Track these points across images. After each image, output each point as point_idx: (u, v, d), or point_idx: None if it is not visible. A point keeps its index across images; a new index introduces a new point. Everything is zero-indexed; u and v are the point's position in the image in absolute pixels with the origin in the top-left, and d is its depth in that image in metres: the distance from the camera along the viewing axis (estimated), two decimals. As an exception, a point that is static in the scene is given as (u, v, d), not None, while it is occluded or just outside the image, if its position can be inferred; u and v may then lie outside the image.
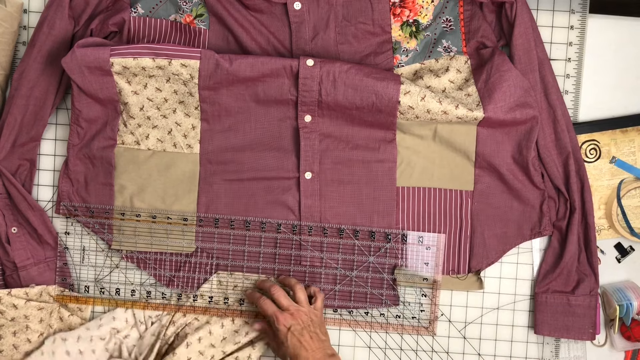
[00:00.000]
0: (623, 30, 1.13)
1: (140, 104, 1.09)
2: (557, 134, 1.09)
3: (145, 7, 1.10)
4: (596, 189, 1.13)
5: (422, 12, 1.10)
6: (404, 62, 1.11)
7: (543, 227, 1.11)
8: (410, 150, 1.10)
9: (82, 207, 1.11)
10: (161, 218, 1.11)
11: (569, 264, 1.10)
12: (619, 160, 1.13)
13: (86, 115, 1.09)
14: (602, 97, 1.14)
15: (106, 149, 1.10)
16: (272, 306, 1.05)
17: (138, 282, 1.14)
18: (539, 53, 1.09)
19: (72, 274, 1.14)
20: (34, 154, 1.12)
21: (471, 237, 1.11)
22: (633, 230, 1.12)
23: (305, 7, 1.08)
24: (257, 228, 1.11)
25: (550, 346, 1.14)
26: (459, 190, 1.11)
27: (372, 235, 1.11)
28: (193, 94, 1.08)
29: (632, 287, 1.13)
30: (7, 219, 1.09)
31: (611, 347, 1.15)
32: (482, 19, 1.10)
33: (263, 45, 1.09)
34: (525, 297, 1.14)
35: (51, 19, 1.08)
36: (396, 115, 1.07)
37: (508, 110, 1.06)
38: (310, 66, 1.05)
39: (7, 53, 1.10)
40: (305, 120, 1.08)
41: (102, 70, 1.05)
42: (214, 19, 1.10)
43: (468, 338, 1.14)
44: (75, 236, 1.14)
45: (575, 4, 1.13)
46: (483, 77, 1.07)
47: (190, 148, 1.11)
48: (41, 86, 1.09)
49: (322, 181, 1.10)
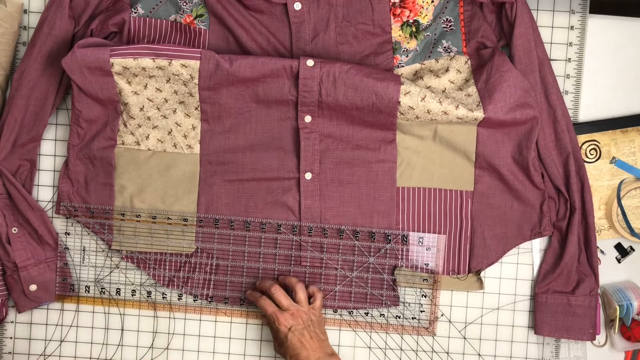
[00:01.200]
0: (623, 31, 1.13)
1: (141, 105, 1.09)
2: (557, 134, 1.09)
3: (145, 8, 1.10)
4: (596, 189, 1.13)
5: (422, 13, 1.10)
6: (404, 62, 1.11)
7: (543, 227, 1.11)
8: (411, 151, 1.10)
9: (82, 207, 1.12)
10: (161, 218, 1.11)
11: (569, 264, 1.10)
12: (619, 160, 1.13)
13: (86, 115, 1.09)
14: (602, 98, 1.14)
15: (106, 149, 1.10)
16: (272, 306, 1.05)
17: (138, 282, 1.14)
18: (539, 53, 1.09)
19: (72, 274, 1.14)
20: (34, 154, 1.12)
21: (471, 238, 1.11)
22: (633, 230, 1.12)
23: (306, 8, 1.08)
24: (257, 228, 1.11)
25: (550, 346, 1.14)
26: (459, 190, 1.11)
27: (372, 236, 1.11)
28: (193, 95, 1.08)
29: (632, 287, 1.13)
30: (7, 219, 1.10)
31: (611, 348, 1.15)
32: (482, 19, 1.10)
33: (263, 45, 1.09)
34: (525, 297, 1.14)
35: (51, 19, 1.08)
36: (396, 116, 1.07)
37: (508, 110, 1.06)
38: (311, 66, 1.05)
39: (7, 53, 1.10)
40: (306, 121, 1.08)
41: (102, 70, 1.05)
42: (214, 19, 1.10)
43: (468, 338, 1.14)
44: (76, 236, 1.14)
45: (575, 4, 1.13)
46: (483, 77, 1.07)
47: (190, 148, 1.11)
48: (41, 86, 1.09)
49: (322, 181, 1.10)
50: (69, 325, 1.16)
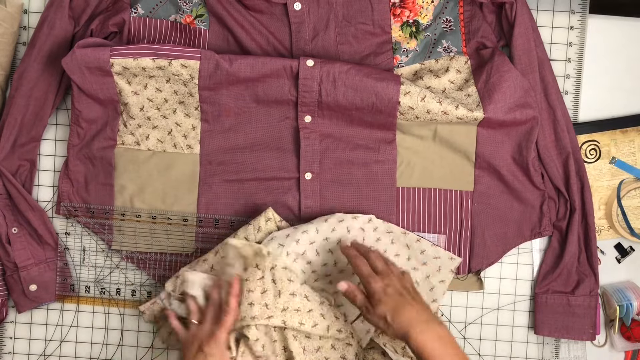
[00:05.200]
0: (623, 31, 1.13)
1: (141, 105, 1.09)
2: (557, 135, 1.09)
3: (145, 8, 1.10)
4: (596, 190, 1.13)
5: (422, 13, 1.10)
6: (404, 62, 1.11)
7: (543, 227, 1.11)
8: (410, 151, 1.10)
9: (82, 207, 1.12)
10: (161, 218, 1.11)
11: (569, 264, 1.10)
12: (619, 160, 1.13)
13: (86, 115, 1.09)
14: (602, 98, 1.14)
15: (106, 149, 1.10)
16: (367, 266, 0.96)
17: (138, 282, 1.14)
18: (539, 53, 1.09)
19: (72, 274, 1.14)
20: (34, 154, 1.12)
21: (471, 238, 1.11)
22: (633, 230, 1.12)
23: (305, 8, 1.08)
24: (257, 228, 1.11)
25: (550, 346, 1.14)
26: (459, 190, 1.11)
27: (372, 236, 1.11)
28: (193, 95, 1.08)
29: (632, 287, 1.13)
30: (7, 220, 1.10)
31: (611, 348, 1.15)
32: (482, 20, 1.10)
33: (263, 45, 1.10)
34: (525, 297, 1.14)
35: (51, 19, 1.08)
36: (396, 116, 1.07)
37: (508, 110, 1.06)
38: (310, 67, 1.05)
39: (7, 53, 1.10)
40: (306, 121, 1.08)
41: (102, 70, 1.05)
42: (214, 19, 1.10)
43: (468, 338, 1.14)
44: (76, 236, 1.14)
45: (575, 4, 1.13)
46: (483, 77, 1.07)
47: (190, 148, 1.11)
48: (41, 86, 1.09)
49: (322, 181, 1.10)
50: (69, 325, 1.16)
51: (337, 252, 1.05)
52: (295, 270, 1.03)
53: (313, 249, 1.04)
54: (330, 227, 1.05)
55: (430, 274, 1.08)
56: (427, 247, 1.08)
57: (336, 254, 1.06)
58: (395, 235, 1.07)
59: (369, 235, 1.07)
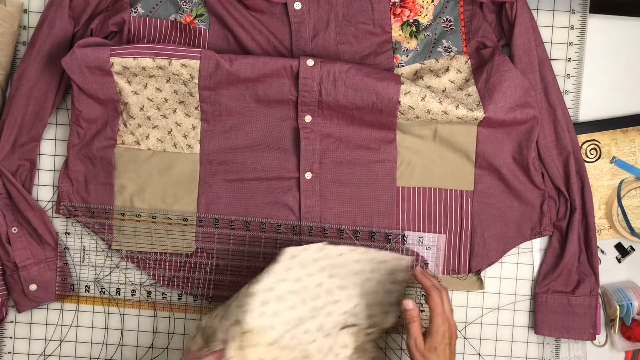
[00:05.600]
0: (623, 30, 1.13)
1: (141, 104, 1.09)
2: (557, 134, 1.09)
3: (145, 7, 1.10)
4: (596, 189, 1.13)
5: (422, 12, 1.10)
6: (404, 62, 1.11)
7: (543, 227, 1.11)
8: (411, 151, 1.10)
9: (82, 207, 1.12)
10: (161, 218, 1.11)
11: (569, 264, 1.10)
12: (619, 160, 1.13)
13: (86, 115, 1.09)
14: (603, 97, 1.14)
15: (106, 149, 1.10)
16: (446, 306, 0.99)
17: (138, 282, 1.14)
18: (539, 53, 1.09)
19: (72, 274, 1.14)
20: (34, 154, 1.12)
21: (471, 237, 1.11)
22: (633, 230, 1.12)
23: (306, 7, 1.08)
24: (257, 228, 1.11)
25: (550, 346, 1.14)
26: (459, 190, 1.11)
27: (372, 236, 1.11)
28: (193, 94, 1.08)
29: (633, 287, 1.13)
30: (7, 219, 1.10)
31: (611, 347, 1.15)
32: (483, 19, 1.10)
33: (263, 45, 1.09)
34: (525, 297, 1.14)
35: (51, 19, 1.08)
36: (396, 116, 1.07)
37: (508, 110, 1.06)
38: (311, 66, 1.05)
39: (7, 53, 1.10)
40: (306, 121, 1.08)
41: (102, 70, 1.05)
42: (214, 19, 1.10)
43: (468, 338, 1.14)
44: (76, 236, 1.14)
45: (575, 4, 1.13)
46: (483, 77, 1.07)
47: (190, 148, 1.11)
48: (41, 86, 1.09)
49: (323, 181, 1.10)
50: (68, 325, 1.16)
51: (302, 293, 0.99)
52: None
53: (282, 298, 0.97)
54: (284, 268, 0.98)
55: (382, 279, 1.05)
56: (375, 254, 1.04)
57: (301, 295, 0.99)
58: (345, 257, 1.02)
59: (322, 265, 1.01)
